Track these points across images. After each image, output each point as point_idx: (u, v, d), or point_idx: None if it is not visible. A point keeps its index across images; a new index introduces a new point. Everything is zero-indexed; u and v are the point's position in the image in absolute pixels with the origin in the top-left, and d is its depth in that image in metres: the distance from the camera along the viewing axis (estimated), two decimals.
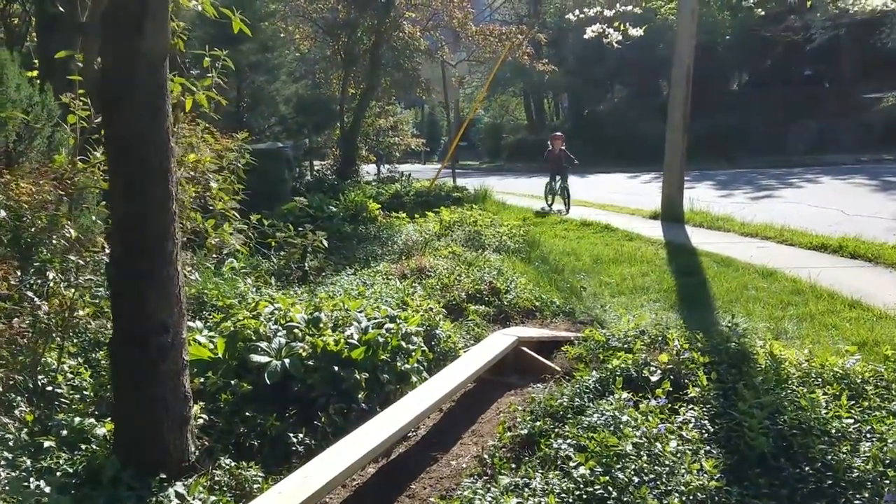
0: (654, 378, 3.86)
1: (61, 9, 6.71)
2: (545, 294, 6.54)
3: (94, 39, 3.17)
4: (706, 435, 3.24)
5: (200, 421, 3.73)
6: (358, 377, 4.10)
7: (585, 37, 9.08)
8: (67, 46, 5.01)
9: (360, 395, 4.06)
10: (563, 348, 5.03)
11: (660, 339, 4.45)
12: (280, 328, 4.49)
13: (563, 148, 13.52)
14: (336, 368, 4.13)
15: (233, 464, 3.45)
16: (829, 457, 2.93)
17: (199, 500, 3.13)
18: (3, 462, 3.17)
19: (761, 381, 3.60)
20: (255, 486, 3.34)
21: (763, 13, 19.87)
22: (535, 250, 8.86)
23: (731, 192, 15.66)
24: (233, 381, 4.04)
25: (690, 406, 3.48)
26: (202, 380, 4.10)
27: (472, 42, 18.90)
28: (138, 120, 3.12)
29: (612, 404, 3.45)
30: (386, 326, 4.60)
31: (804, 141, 24.69)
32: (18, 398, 3.68)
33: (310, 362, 4.15)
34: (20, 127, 5.48)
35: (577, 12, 9.19)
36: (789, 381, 3.60)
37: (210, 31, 13.56)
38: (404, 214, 11.07)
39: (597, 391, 3.90)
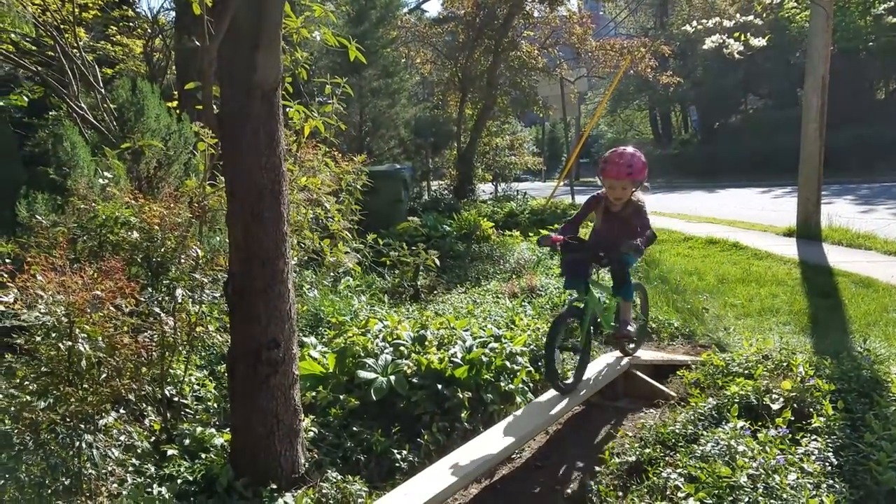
0: (775, 406, 3.59)
1: (197, 43, 7.23)
2: (662, 315, 6.28)
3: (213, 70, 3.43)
4: (829, 468, 2.97)
5: (311, 434, 3.85)
6: (461, 396, 4.09)
7: (704, 47, 8.72)
8: (202, 79, 5.39)
9: (463, 414, 4.05)
10: (679, 373, 4.79)
11: (784, 364, 4.14)
12: (387, 345, 4.57)
13: (635, 196, 4.27)
14: (440, 387, 4.15)
15: (339, 477, 3.53)
16: None
17: None
18: (130, 468, 3.41)
19: (894, 412, 3.26)
20: (360, 500, 3.39)
21: None
22: (654, 269, 8.54)
23: (873, 208, 14.44)
24: (342, 396, 4.16)
25: (813, 437, 3.20)
26: (314, 394, 4.25)
27: (592, 57, 18.66)
28: (252, 145, 3.30)
29: (727, 433, 3.24)
30: (490, 346, 4.58)
31: None
32: (148, 408, 3.97)
33: (414, 380, 4.20)
34: (160, 154, 5.96)
35: (694, 24, 8.83)
36: None
37: (336, 59, 14.21)
38: (518, 233, 11.01)
39: (712, 419, 3.68)
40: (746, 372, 4.20)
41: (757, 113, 33.83)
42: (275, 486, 3.31)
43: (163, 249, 4.15)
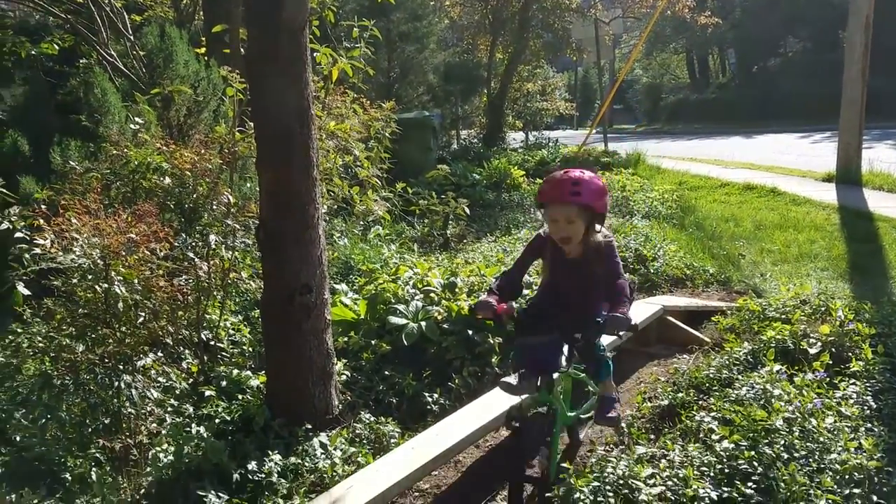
0: (812, 350, 3.53)
1: None
2: (697, 262, 6.20)
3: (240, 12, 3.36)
4: (868, 412, 2.93)
5: (343, 377, 3.91)
6: (491, 341, 4.10)
7: None
8: (229, 21, 5.32)
9: (493, 359, 4.07)
10: (714, 319, 4.74)
11: (822, 309, 4.06)
12: (417, 292, 4.59)
13: (594, 235, 2.86)
14: (470, 332, 4.16)
15: (372, 418, 3.60)
16: None
17: (340, 450, 3.29)
18: (169, 408, 3.50)
19: None
20: (392, 440, 3.46)
21: None
22: (690, 216, 8.39)
23: None
24: (373, 342, 4.20)
25: (852, 381, 3.15)
26: (346, 339, 4.29)
27: None
28: (280, 87, 3.25)
29: (763, 377, 3.20)
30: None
31: None
32: (185, 351, 4.05)
33: (445, 325, 4.22)
34: (189, 101, 5.94)
35: None
36: None
37: (363, 2, 13.93)
38: None
39: (748, 363, 3.64)
40: (783, 317, 4.13)
41: (797, 56, 32.65)
42: (310, 426, 3.38)
43: (195, 196, 4.16)
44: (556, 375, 2.86)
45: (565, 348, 2.91)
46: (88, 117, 5.24)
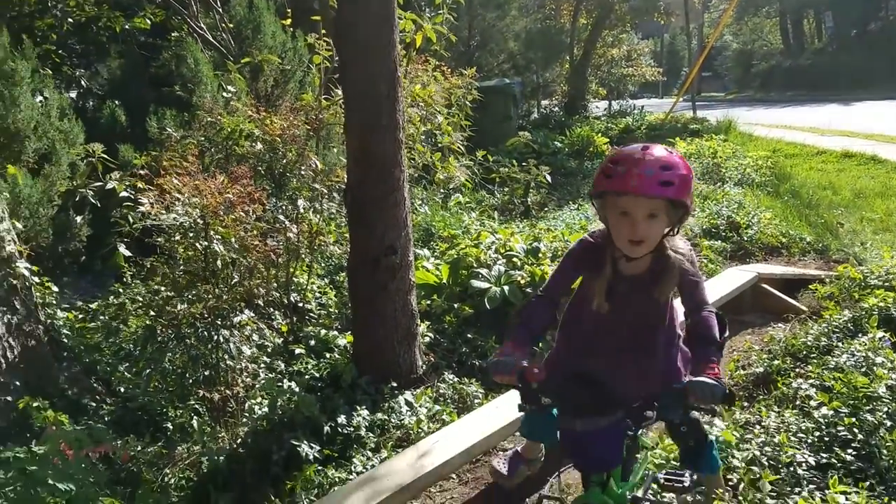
0: None
1: None
2: (793, 230, 5.94)
3: None
4: None
5: (427, 339, 3.96)
6: None
7: None
8: None
9: None
10: (811, 287, 4.54)
11: None
12: (500, 257, 4.59)
13: (673, 243, 1.87)
14: None
15: (455, 379, 3.64)
16: None
17: (425, 408, 3.36)
18: (262, 365, 3.65)
19: None
20: (476, 400, 3.49)
21: None
22: (785, 183, 8.02)
23: None
24: (455, 305, 4.24)
25: None
26: (428, 302, 4.34)
27: None
28: (368, 49, 3.28)
29: (864, 344, 3.06)
30: None
31: None
32: (276, 312, 4.20)
33: (528, 290, 4.20)
34: (276, 71, 6.08)
35: None
36: None
37: None
38: None
39: (847, 331, 3.49)
40: (886, 284, 3.94)
41: None
42: (395, 385, 3.46)
43: (284, 161, 4.27)
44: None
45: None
46: (182, 87, 5.44)
